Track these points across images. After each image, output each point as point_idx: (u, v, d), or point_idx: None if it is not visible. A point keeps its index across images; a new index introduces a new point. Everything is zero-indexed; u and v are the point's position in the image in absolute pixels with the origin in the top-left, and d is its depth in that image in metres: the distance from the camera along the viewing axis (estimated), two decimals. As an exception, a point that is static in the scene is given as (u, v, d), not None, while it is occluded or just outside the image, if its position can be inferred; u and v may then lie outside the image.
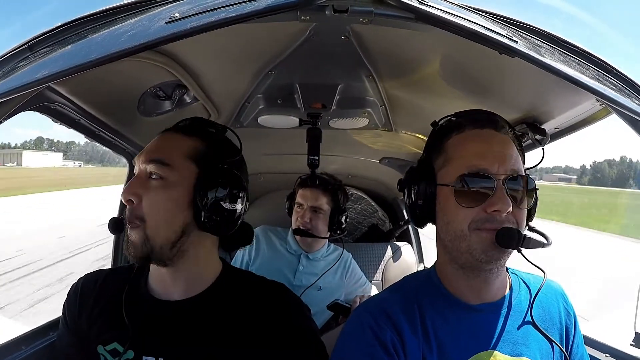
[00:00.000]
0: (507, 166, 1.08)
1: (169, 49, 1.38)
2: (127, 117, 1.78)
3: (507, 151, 1.11)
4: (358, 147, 2.87)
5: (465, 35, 0.84)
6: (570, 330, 1.23)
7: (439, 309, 1.14)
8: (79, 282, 1.38)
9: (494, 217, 1.06)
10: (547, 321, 1.20)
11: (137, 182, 1.20)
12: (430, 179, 1.17)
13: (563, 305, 1.26)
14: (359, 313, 1.15)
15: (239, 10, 0.78)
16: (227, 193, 1.22)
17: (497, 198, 1.05)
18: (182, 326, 1.23)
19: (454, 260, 1.14)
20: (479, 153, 1.10)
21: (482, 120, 1.15)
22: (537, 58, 0.85)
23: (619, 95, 0.92)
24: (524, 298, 1.22)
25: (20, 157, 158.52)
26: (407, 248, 3.52)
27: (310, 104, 1.87)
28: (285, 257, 2.57)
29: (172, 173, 1.20)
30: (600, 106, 1.35)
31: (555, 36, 1.02)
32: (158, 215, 1.18)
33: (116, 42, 0.78)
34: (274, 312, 1.26)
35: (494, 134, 1.13)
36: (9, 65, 0.92)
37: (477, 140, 1.13)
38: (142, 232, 1.17)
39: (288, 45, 1.40)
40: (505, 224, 1.05)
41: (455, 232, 1.10)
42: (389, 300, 1.17)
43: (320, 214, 2.46)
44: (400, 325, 1.09)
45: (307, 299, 1.71)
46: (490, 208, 1.05)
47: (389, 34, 1.28)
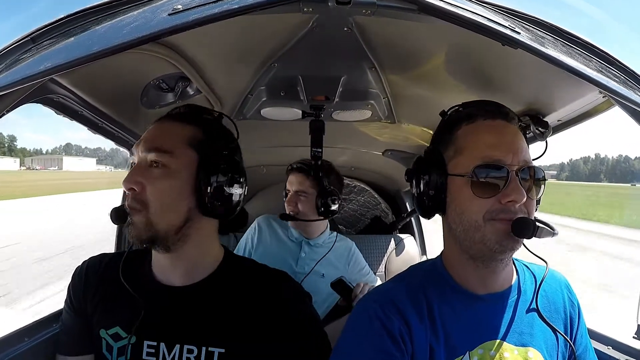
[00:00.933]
0: (519, 157, 1.09)
1: (171, 41, 1.38)
2: (130, 109, 1.79)
3: (519, 142, 1.12)
4: (361, 139, 2.87)
5: (467, 27, 0.84)
6: (574, 320, 1.24)
7: (446, 299, 1.15)
8: (83, 264, 1.39)
9: (509, 207, 1.06)
10: (552, 311, 1.22)
11: (139, 171, 1.21)
12: (441, 170, 1.17)
13: (567, 295, 1.27)
14: (365, 303, 1.15)
15: (242, 2, 0.78)
16: (229, 178, 1.25)
17: (512, 189, 1.06)
18: (184, 312, 1.24)
19: (465, 250, 1.14)
20: (493, 144, 1.10)
21: (493, 112, 1.15)
22: (539, 49, 0.84)
23: (622, 87, 0.91)
24: (529, 288, 1.23)
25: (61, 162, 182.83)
26: (410, 240, 3.53)
27: (313, 96, 1.86)
28: (287, 245, 2.58)
29: (173, 160, 1.21)
30: (603, 98, 1.35)
31: (558, 28, 1.02)
32: (162, 202, 1.19)
33: (119, 34, 0.78)
34: (274, 300, 1.27)
35: (506, 124, 1.14)
36: (12, 57, 0.92)
37: (490, 131, 1.13)
38: (145, 217, 1.19)
39: (291, 37, 1.40)
40: (519, 214, 1.06)
41: (469, 222, 1.10)
42: (395, 289, 1.17)
43: (303, 197, 2.46)
44: (408, 314, 1.10)
45: (310, 285, 1.72)
46: (505, 199, 1.06)
47: (392, 25, 1.27)
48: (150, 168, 1.21)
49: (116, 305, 1.27)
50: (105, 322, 1.27)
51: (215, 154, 1.26)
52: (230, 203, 1.27)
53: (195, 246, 1.27)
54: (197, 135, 1.27)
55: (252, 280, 1.31)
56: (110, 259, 1.38)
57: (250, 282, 1.30)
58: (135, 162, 1.24)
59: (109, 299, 1.29)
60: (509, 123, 1.15)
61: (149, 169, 1.21)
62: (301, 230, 2.57)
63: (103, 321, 1.27)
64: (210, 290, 1.27)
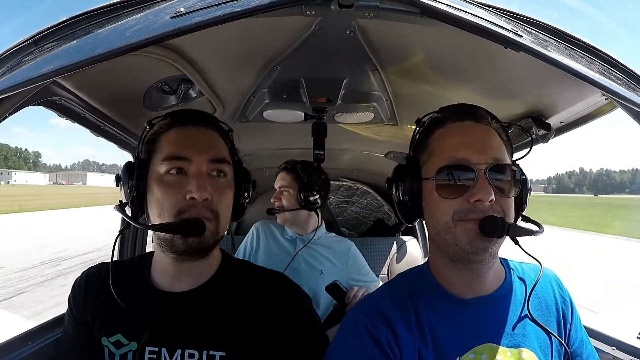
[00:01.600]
0: (487, 155, 1.08)
1: (174, 43, 1.38)
2: (133, 111, 1.79)
3: (487, 140, 1.12)
4: (363, 142, 2.87)
5: (470, 30, 0.84)
6: (567, 316, 1.23)
7: (433, 305, 1.15)
8: (82, 275, 1.39)
9: (477, 207, 1.06)
10: (544, 309, 1.21)
11: (206, 179, 1.20)
12: (416, 175, 1.18)
13: (558, 292, 1.26)
14: (354, 313, 1.16)
15: (245, 5, 0.78)
16: (247, 183, 1.39)
17: (478, 188, 1.05)
18: (185, 317, 1.24)
19: (443, 253, 1.15)
20: (458, 144, 1.10)
21: (462, 113, 1.16)
22: (542, 52, 0.84)
23: (625, 89, 0.91)
24: (519, 288, 1.22)
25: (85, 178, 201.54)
26: (413, 242, 3.52)
27: (315, 98, 1.86)
28: (283, 244, 2.66)
29: (230, 170, 1.29)
30: (605, 100, 1.35)
31: (561, 30, 1.02)
32: (227, 210, 1.28)
33: (121, 37, 0.79)
34: (274, 302, 1.27)
35: (474, 124, 1.14)
36: (15, 59, 0.92)
37: (456, 133, 1.14)
38: (216, 226, 1.22)
39: (293, 40, 1.40)
40: (489, 213, 1.05)
41: (440, 224, 1.11)
42: (382, 298, 1.18)
43: (286, 191, 2.59)
44: (395, 323, 1.10)
45: (309, 282, 1.73)
46: (472, 198, 1.06)
47: (395, 28, 1.27)
48: (213, 177, 1.23)
49: (117, 313, 1.26)
50: (107, 329, 1.27)
51: (240, 164, 1.39)
52: (246, 206, 1.40)
53: (217, 250, 1.33)
54: (224, 143, 1.32)
55: (250, 282, 1.32)
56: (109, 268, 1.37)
57: (249, 284, 1.31)
58: (184, 167, 1.21)
59: (109, 307, 1.28)
60: (478, 122, 1.14)
61: (213, 178, 1.23)
62: (292, 227, 2.66)
63: (104, 329, 1.27)
64: (209, 294, 1.27)
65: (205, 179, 1.19)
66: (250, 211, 3.82)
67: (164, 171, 1.20)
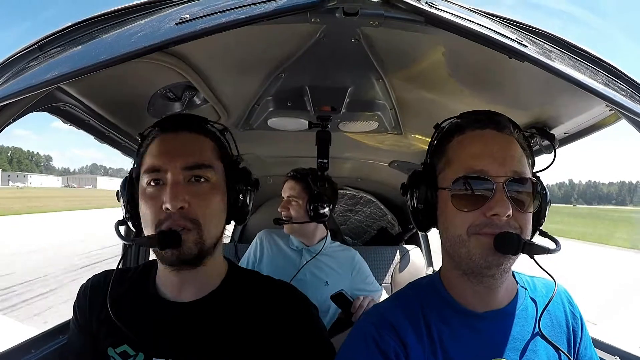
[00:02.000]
0: (507, 167, 1.04)
1: (179, 50, 1.38)
2: (137, 118, 1.79)
3: (508, 152, 1.07)
4: (368, 150, 2.87)
5: (474, 39, 0.84)
6: (577, 333, 1.20)
7: (445, 317, 1.12)
8: (87, 283, 1.38)
9: (493, 221, 1.02)
10: (555, 326, 1.17)
11: (181, 187, 1.16)
12: (432, 183, 1.15)
13: (569, 308, 1.22)
14: (363, 324, 1.13)
15: (249, 12, 0.77)
16: (246, 186, 1.31)
17: (496, 201, 1.01)
18: (191, 327, 1.22)
19: (456, 266, 1.12)
20: (477, 154, 1.07)
21: (483, 121, 1.11)
22: (547, 63, 0.84)
23: (629, 100, 0.90)
24: (530, 303, 1.19)
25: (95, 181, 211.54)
26: (416, 251, 3.51)
27: (320, 106, 1.86)
28: (288, 254, 2.63)
29: (214, 174, 1.23)
30: (609, 112, 1.34)
31: (565, 41, 1.01)
32: (212, 217, 1.22)
33: (126, 43, 0.78)
34: (281, 312, 1.26)
35: (495, 134, 1.09)
36: (19, 65, 0.92)
37: (476, 142, 1.10)
38: (197, 234, 1.18)
39: (298, 48, 1.40)
40: (505, 229, 1.02)
41: (454, 237, 1.08)
42: (392, 309, 1.15)
43: (295, 202, 2.54)
44: (405, 335, 1.07)
45: (315, 293, 1.71)
46: (489, 212, 1.02)
47: (399, 36, 1.27)
48: (191, 183, 1.19)
49: (123, 323, 1.24)
50: (113, 340, 1.25)
51: (235, 164, 1.32)
52: (248, 208, 1.32)
53: (215, 259, 1.28)
54: (218, 147, 1.30)
55: (257, 292, 1.30)
56: (115, 277, 1.34)
57: (256, 294, 1.29)
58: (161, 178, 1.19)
59: (116, 317, 1.25)
60: (500, 132, 1.10)
61: (191, 185, 1.19)
62: (299, 237, 2.62)
63: (110, 339, 1.25)
64: (216, 305, 1.25)
65: (181, 187, 1.16)
66: (254, 218, 3.84)
67: (145, 184, 1.20)
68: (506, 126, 1.11)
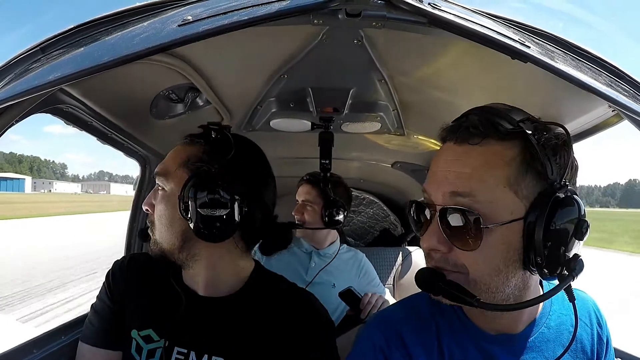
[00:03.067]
0: (445, 189, 0.88)
1: (181, 51, 1.38)
2: (140, 119, 1.79)
3: (453, 168, 0.89)
4: (370, 152, 2.87)
5: (477, 40, 0.83)
6: (601, 356, 1.07)
7: (457, 334, 1.01)
8: (125, 258, 1.41)
9: (430, 255, 0.92)
10: (577, 351, 1.04)
11: (152, 193, 1.28)
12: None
13: (597, 330, 1.08)
14: (371, 331, 1.06)
15: (252, 13, 0.77)
16: (207, 197, 1.14)
17: (426, 232, 0.91)
18: (215, 323, 1.25)
19: None
20: (430, 174, 0.94)
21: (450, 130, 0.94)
22: (549, 63, 0.83)
23: (632, 101, 0.90)
24: (554, 327, 1.04)
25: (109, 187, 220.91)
26: (419, 253, 3.50)
27: (322, 107, 1.86)
28: (297, 256, 2.61)
29: (168, 183, 1.23)
30: (612, 112, 1.33)
31: (568, 42, 1.01)
32: (161, 223, 1.24)
33: (129, 45, 0.79)
34: (300, 320, 1.26)
35: (454, 147, 0.91)
36: (22, 67, 0.92)
37: (437, 158, 0.95)
38: (153, 236, 1.27)
39: (300, 49, 1.40)
40: (438, 265, 0.91)
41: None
42: (403, 320, 1.05)
43: (310, 207, 2.50)
44: (413, 349, 0.99)
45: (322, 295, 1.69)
46: (422, 244, 0.92)
47: (402, 37, 1.27)
48: (157, 190, 1.26)
49: (150, 308, 1.28)
50: (139, 322, 1.27)
51: (202, 173, 1.18)
52: (213, 225, 1.15)
53: (208, 266, 1.26)
54: (196, 155, 1.23)
55: (280, 298, 1.30)
56: (154, 260, 1.33)
57: (279, 300, 1.29)
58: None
59: (145, 300, 1.30)
60: (458, 144, 0.91)
61: (156, 191, 1.27)
62: (310, 241, 2.60)
63: (136, 321, 1.27)
64: (237, 305, 1.27)
65: (152, 192, 1.28)
66: None
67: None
68: (471, 134, 0.89)
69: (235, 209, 1.16)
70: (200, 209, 1.13)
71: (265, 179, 1.32)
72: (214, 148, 1.24)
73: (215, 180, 1.16)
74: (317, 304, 1.33)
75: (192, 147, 1.26)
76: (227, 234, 1.18)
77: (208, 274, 1.27)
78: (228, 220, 1.15)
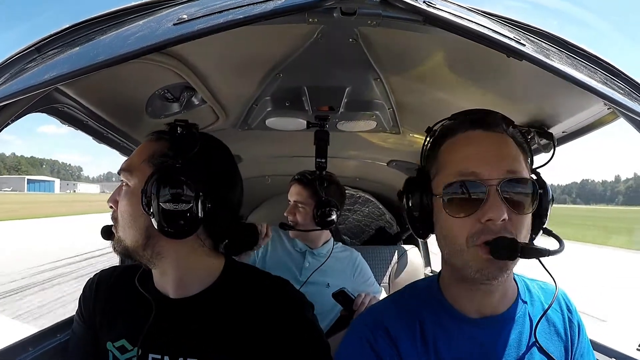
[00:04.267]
0: (500, 168, 0.99)
1: (176, 51, 1.38)
2: (135, 119, 1.79)
3: (500, 151, 1.02)
4: (366, 150, 2.88)
5: (472, 38, 0.84)
6: (574, 340, 1.16)
7: (441, 322, 1.09)
8: (95, 277, 1.40)
9: (489, 227, 0.97)
10: (552, 334, 1.14)
11: (116, 190, 1.25)
12: (426, 189, 1.10)
13: (567, 315, 1.18)
14: (358, 326, 1.12)
15: (247, 12, 0.78)
16: (169, 192, 1.12)
17: (489, 205, 0.96)
18: (186, 325, 1.23)
19: (454, 273, 1.09)
20: (468, 157, 1.02)
21: (473, 121, 1.07)
22: (545, 61, 0.84)
23: (627, 99, 0.90)
24: (529, 311, 1.14)
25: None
26: (414, 251, 3.51)
27: (318, 106, 1.86)
28: (292, 255, 2.61)
29: (131, 178, 1.21)
30: (608, 110, 1.34)
31: (563, 39, 1.01)
32: (123, 220, 1.22)
33: (124, 44, 0.79)
34: (275, 309, 1.24)
35: (486, 134, 1.05)
36: (17, 66, 0.92)
37: (466, 144, 1.05)
38: (117, 233, 1.24)
39: (296, 48, 1.40)
40: (501, 234, 0.96)
41: (452, 246, 1.04)
42: (387, 311, 1.13)
43: (302, 207, 2.48)
44: (398, 339, 1.06)
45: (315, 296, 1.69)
46: (483, 217, 0.97)
47: (397, 36, 1.27)
48: (122, 186, 1.24)
49: (123, 318, 1.27)
50: (112, 335, 1.27)
51: (166, 168, 1.16)
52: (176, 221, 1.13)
53: (174, 264, 1.25)
54: (161, 150, 1.22)
55: (252, 289, 1.29)
56: (122, 272, 1.38)
57: (251, 291, 1.28)
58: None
59: (116, 312, 1.29)
60: (491, 131, 1.05)
61: (120, 188, 1.24)
62: (304, 240, 2.59)
63: (110, 334, 1.27)
64: (209, 303, 1.25)
65: (117, 188, 1.26)
66: (254, 217, 3.85)
67: None
68: (497, 124, 1.06)
69: (198, 205, 1.14)
70: (163, 203, 1.11)
71: (231, 178, 1.31)
72: (179, 144, 1.22)
73: (178, 176, 1.14)
74: (291, 288, 1.33)
75: (157, 143, 1.24)
76: (189, 231, 1.16)
77: (176, 273, 1.25)
78: (190, 216, 1.14)
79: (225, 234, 1.31)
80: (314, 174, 2.46)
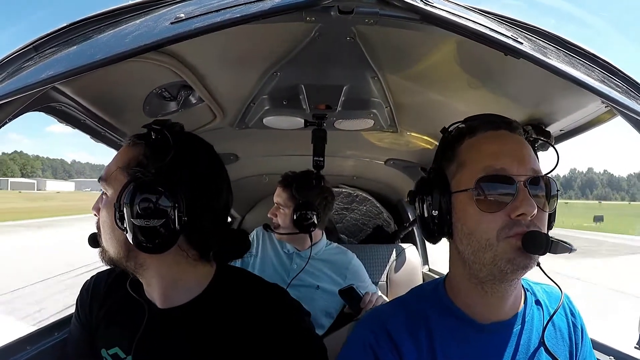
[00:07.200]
0: (527, 166, 1.01)
1: (174, 49, 1.38)
2: (133, 118, 1.79)
3: (525, 150, 1.04)
4: (363, 149, 2.88)
5: (470, 36, 0.84)
6: (578, 344, 1.16)
7: (448, 328, 1.08)
8: (91, 280, 1.38)
9: (519, 221, 0.97)
10: (558, 338, 1.14)
11: (99, 197, 1.20)
12: (444, 188, 1.08)
13: (571, 319, 1.19)
14: (362, 330, 1.11)
15: (244, 10, 0.78)
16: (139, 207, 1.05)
17: (521, 201, 0.97)
18: (175, 335, 1.20)
19: (474, 274, 1.05)
20: (495, 153, 1.03)
21: (496, 122, 1.08)
22: (542, 60, 0.84)
23: (624, 97, 0.90)
24: (536, 315, 1.14)
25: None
26: (412, 250, 3.51)
27: (315, 105, 1.86)
28: (280, 256, 2.60)
29: (108, 188, 1.15)
30: (605, 108, 1.34)
31: (561, 38, 1.01)
32: (105, 231, 1.17)
33: (121, 43, 0.79)
34: (270, 317, 1.20)
35: (509, 134, 1.06)
36: (14, 65, 0.92)
37: (492, 141, 1.06)
38: (101, 242, 1.20)
39: (293, 46, 1.40)
40: (530, 228, 0.97)
41: (479, 242, 1.01)
42: (392, 317, 1.11)
43: (281, 209, 2.47)
44: (402, 345, 1.05)
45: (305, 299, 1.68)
46: (514, 212, 0.97)
47: (394, 34, 1.27)
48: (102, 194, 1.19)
49: (117, 325, 1.25)
50: (106, 341, 1.25)
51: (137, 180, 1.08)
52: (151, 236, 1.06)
53: (158, 276, 1.20)
54: (137, 158, 1.15)
55: (245, 297, 1.24)
56: (117, 276, 1.34)
57: (244, 299, 1.23)
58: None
59: (111, 317, 1.27)
60: (513, 133, 1.07)
61: (102, 195, 1.19)
62: (290, 242, 2.57)
63: (104, 340, 1.26)
64: (198, 313, 1.20)
65: (100, 197, 1.20)
66: (250, 216, 3.85)
67: None
68: (517, 127, 1.09)
69: (175, 217, 1.06)
70: (134, 219, 1.04)
71: (214, 182, 1.23)
72: (154, 150, 1.14)
73: (152, 187, 1.06)
74: (287, 295, 1.29)
75: (133, 149, 1.17)
76: (166, 246, 1.08)
77: (160, 284, 1.21)
78: (166, 230, 1.06)
79: (210, 242, 1.22)
80: (296, 175, 2.47)
